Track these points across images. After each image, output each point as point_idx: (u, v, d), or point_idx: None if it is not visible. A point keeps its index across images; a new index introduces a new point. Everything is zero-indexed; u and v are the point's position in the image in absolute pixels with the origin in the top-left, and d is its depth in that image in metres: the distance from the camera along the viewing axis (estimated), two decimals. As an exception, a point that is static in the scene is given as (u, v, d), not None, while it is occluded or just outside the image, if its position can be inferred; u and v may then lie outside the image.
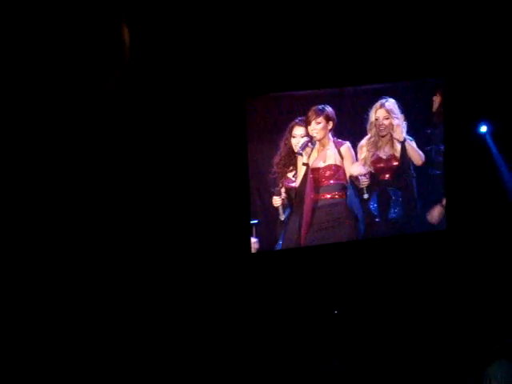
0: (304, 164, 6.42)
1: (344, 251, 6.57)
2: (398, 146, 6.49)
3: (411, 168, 6.57)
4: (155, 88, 6.00)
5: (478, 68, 6.43)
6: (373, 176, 6.51)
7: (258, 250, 6.50)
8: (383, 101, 6.43)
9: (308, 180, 6.44)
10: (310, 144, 6.39)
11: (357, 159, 6.47)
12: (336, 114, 6.40)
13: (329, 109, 6.36)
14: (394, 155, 6.51)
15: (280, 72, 6.18)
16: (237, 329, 6.37)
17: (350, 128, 6.47)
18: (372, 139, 6.45)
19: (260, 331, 6.40)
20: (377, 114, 6.42)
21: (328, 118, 6.37)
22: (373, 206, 6.54)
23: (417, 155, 6.54)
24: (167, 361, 6.11)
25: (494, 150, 6.69)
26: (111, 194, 6.07)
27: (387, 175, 6.54)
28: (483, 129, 6.69)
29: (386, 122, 6.43)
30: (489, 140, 6.69)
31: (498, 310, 6.34)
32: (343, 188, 6.49)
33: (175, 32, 5.87)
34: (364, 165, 6.47)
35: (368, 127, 6.45)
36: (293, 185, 6.46)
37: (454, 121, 6.52)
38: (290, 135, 6.37)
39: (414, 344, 6.32)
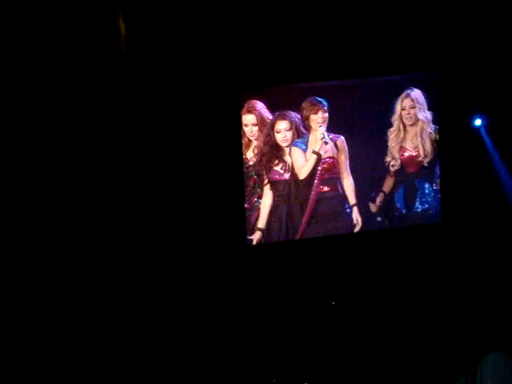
0: (315, 153, 6.42)
1: (340, 244, 6.60)
2: (425, 138, 6.51)
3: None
4: (148, 84, 6.02)
5: (472, 61, 6.44)
6: (400, 169, 6.54)
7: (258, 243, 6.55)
8: (409, 91, 6.45)
9: (319, 170, 6.46)
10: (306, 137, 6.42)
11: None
12: (347, 106, 6.44)
13: (322, 100, 6.36)
14: (420, 146, 6.52)
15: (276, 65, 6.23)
16: (234, 322, 6.40)
17: (366, 121, 6.50)
18: (396, 130, 6.47)
19: (257, 324, 6.43)
20: (403, 103, 6.43)
21: (324, 109, 6.36)
22: (398, 200, 6.56)
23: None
24: (164, 352, 6.14)
25: (488, 143, 6.71)
26: (106, 190, 6.10)
27: (414, 167, 6.57)
28: (478, 122, 6.72)
29: (413, 111, 6.45)
30: (483, 133, 6.72)
31: (492, 303, 6.38)
32: (337, 181, 6.50)
33: (167, 29, 5.90)
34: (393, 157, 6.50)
35: (393, 118, 6.47)
36: (279, 177, 6.45)
37: (448, 114, 6.54)
38: (273, 130, 6.36)
39: (409, 336, 6.35)
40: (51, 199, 5.80)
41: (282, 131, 6.36)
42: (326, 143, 6.38)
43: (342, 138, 6.44)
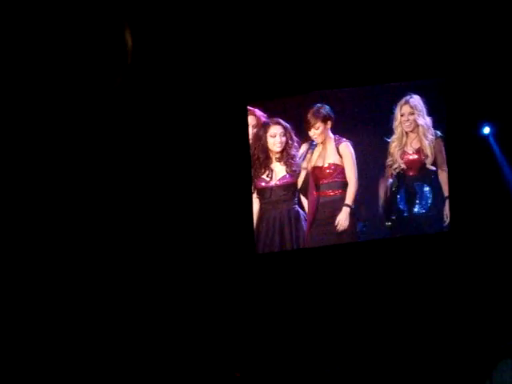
0: (304, 168, 6.52)
1: (347, 253, 6.59)
2: (425, 142, 6.51)
3: (442, 164, 6.59)
4: (155, 94, 6.06)
5: (480, 68, 6.43)
6: (400, 172, 6.56)
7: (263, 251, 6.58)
8: (408, 97, 6.49)
9: (309, 178, 6.53)
10: (309, 150, 6.50)
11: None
12: (354, 112, 6.53)
13: (325, 109, 6.44)
14: (421, 149, 6.54)
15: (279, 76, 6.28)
16: (241, 329, 6.39)
17: (370, 127, 6.58)
18: (398, 136, 6.50)
19: (264, 332, 6.42)
20: (402, 110, 6.48)
21: (325, 119, 6.43)
22: (400, 202, 6.57)
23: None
24: (171, 361, 6.13)
25: (497, 150, 6.69)
26: (116, 197, 6.12)
27: (414, 171, 6.58)
28: (486, 130, 6.69)
29: (412, 118, 6.48)
30: (492, 141, 6.69)
31: (501, 312, 6.35)
32: (344, 185, 6.53)
33: (175, 38, 5.93)
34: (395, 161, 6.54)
35: (394, 125, 6.50)
36: (265, 184, 6.54)
37: (456, 122, 6.52)
38: (266, 134, 6.45)
39: (418, 347, 6.33)
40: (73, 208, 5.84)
41: (278, 136, 6.45)
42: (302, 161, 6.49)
43: (346, 142, 6.50)
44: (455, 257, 6.61)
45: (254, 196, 6.53)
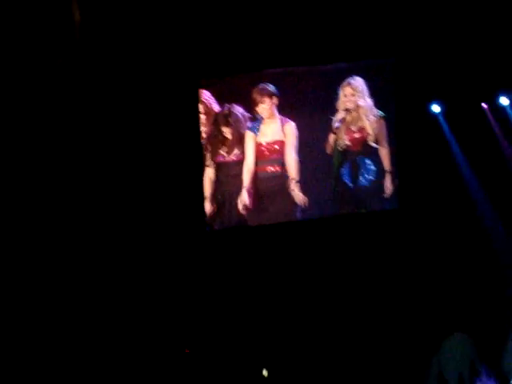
0: (253, 139, 6.65)
1: (297, 230, 6.64)
2: (367, 121, 6.64)
3: (383, 141, 6.72)
4: (103, 71, 6.05)
5: (429, 48, 6.50)
6: (345, 149, 6.69)
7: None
8: (350, 79, 6.62)
9: (259, 153, 6.68)
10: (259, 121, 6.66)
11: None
12: (298, 92, 6.67)
13: (269, 86, 6.58)
14: (363, 128, 6.66)
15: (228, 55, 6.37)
16: (194, 308, 6.43)
17: (315, 106, 6.72)
18: (342, 115, 6.60)
19: (215, 310, 6.46)
20: (344, 91, 6.60)
21: (271, 95, 6.58)
22: (345, 174, 6.68)
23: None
24: (126, 340, 6.15)
25: (446, 129, 6.78)
26: (69, 175, 6.10)
27: (358, 147, 6.70)
28: (435, 108, 6.77)
29: (353, 99, 6.60)
30: (441, 119, 6.78)
31: (449, 288, 6.46)
32: (284, 163, 6.67)
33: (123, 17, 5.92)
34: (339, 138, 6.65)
35: (337, 105, 6.62)
36: (223, 159, 6.70)
37: (405, 101, 6.59)
38: (220, 127, 6.65)
39: (364, 327, 6.43)
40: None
41: (229, 133, 6.66)
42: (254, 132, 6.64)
43: (292, 123, 6.65)
44: (403, 235, 6.68)
45: (213, 170, 6.69)
